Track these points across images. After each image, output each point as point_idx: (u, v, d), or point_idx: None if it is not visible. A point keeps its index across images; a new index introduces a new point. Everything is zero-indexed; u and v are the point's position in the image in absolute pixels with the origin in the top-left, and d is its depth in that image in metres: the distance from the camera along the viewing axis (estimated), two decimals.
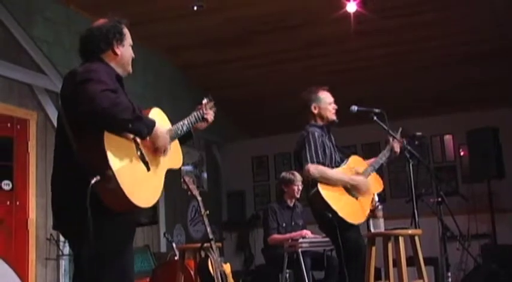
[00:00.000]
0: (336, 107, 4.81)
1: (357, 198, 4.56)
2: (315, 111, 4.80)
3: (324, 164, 4.56)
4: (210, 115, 3.69)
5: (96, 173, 2.65)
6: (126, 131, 2.81)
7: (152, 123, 2.91)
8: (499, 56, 8.22)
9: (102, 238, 2.73)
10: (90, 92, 2.69)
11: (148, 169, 2.94)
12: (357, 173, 4.65)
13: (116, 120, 2.71)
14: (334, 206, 4.38)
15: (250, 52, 8.34)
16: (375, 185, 4.73)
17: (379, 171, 4.92)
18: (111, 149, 2.70)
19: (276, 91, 9.03)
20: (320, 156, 4.59)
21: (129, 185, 2.71)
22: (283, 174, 6.82)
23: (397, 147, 4.80)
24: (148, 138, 2.93)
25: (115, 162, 2.69)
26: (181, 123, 3.42)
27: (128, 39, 3.17)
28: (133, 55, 3.21)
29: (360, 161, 4.81)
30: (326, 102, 4.82)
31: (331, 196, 4.44)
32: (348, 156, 4.83)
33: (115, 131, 2.76)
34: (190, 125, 3.49)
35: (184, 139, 3.49)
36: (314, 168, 4.50)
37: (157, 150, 3.00)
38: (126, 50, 3.14)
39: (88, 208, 2.61)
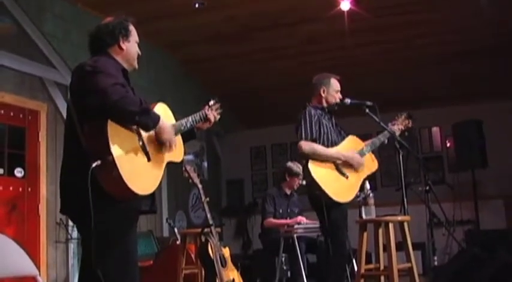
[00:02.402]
0: (340, 96, 4.78)
1: (347, 177, 4.48)
2: (322, 94, 4.78)
3: (316, 141, 4.52)
4: (214, 116, 3.64)
5: (98, 158, 2.67)
6: (133, 123, 2.82)
7: (157, 118, 2.92)
8: (484, 54, 8.23)
9: (104, 223, 2.73)
10: (102, 85, 2.70)
11: (148, 159, 2.93)
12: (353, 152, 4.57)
13: (124, 113, 2.73)
14: (321, 183, 4.34)
15: (250, 48, 8.33)
16: (368, 164, 4.66)
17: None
18: (113, 137, 2.71)
19: (273, 85, 9.02)
20: (314, 133, 4.55)
21: (128, 172, 2.72)
22: (291, 165, 6.77)
23: (397, 130, 4.76)
24: (153, 131, 2.93)
25: (116, 149, 2.70)
26: (186, 119, 3.39)
27: (134, 36, 3.16)
28: (139, 52, 3.20)
29: (356, 140, 4.74)
30: (334, 89, 4.80)
31: (320, 173, 4.40)
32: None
33: (122, 123, 2.78)
34: (194, 122, 3.46)
35: (187, 138, 3.46)
36: (306, 145, 4.47)
37: (162, 144, 2.99)
38: (131, 46, 3.13)
39: (89, 188, 2.63)
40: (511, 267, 4.53)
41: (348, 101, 4.63)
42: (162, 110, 3.20)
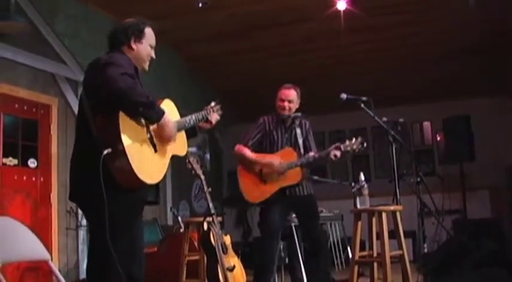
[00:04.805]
0: (283, 105, 4.79)
1: (265, 182, 4.64)
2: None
3: (249, 146, 4.74)
4: (214, 118, 3.64)
5: (109, 147, 2.68)
6: (138, 114, 2.81)
7: (162, 112, 2.91)
8: (473, 52, 8.22)
9: (112, 211, 2.74)
10: (111, 73, 2.73)
11: (155, 150, 2.94)
12: (280, 162, 4.63)
13: (130, 102, 2.73)
14: (240, 183, 4.69)
15: (250, 46, 8.30)
16: (291, 176, 4.67)
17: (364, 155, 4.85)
18: (124, 128, 2.73)
19: (272, 82, 8.96)
20: (250, 140, 4.76)
21: (137, 161, 2.73)
22: None
23: (333, 155, 4.61)
24: (156, 125, 2.92)
25: (126, 139, 2.72)
26: (189, 117, 3.38)
27: (148, 40, 3.15)
28: (153, 55, 3.19)
29: (290, 153, 4.75)
30: (278, 99, 4.85)
31: (243, 174, 4.70)
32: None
33: (128, 112, 2.78)
34: (196, 121, 3.46)
35: (189, 135, 3.45)
36: (237, 148, 4.76)
37: (162, 138, 2.99)
38: (143, 48, 3.12)
39: (100, 173, 2.64)
40: (494, 254, 4.57)
41: (344, 96, 4.62)
42: (168, 106, 3.21)
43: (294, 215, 6.24)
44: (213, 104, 3.71)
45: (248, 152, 4.71)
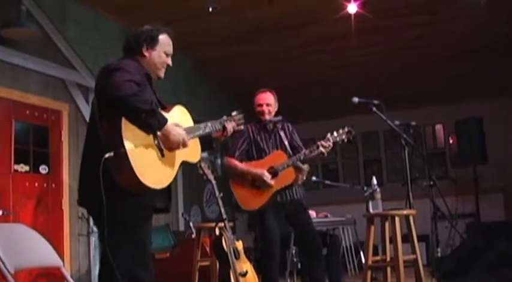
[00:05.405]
0: (262, 109, 4.82)
1: (259, 188, 4.61)
2: None
3: (236, 157, 4.72)
4: (230, 127, 3.45)
5: (112, 151, 2.68)
6: (139, 120, 2.77)
7: (164, 121, 2.85)
8: (484, 53, 8.19)
9: (118, 216, 2.75)
10: (116, 79, 2.74)
11: (162, 155, 2.89)
12: (269, 168, 4.62)
13: (132, 108, 2.72)
14: (236, 195, 4.68)
15: (261, 49, 8.32)
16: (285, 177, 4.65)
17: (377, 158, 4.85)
18: (127, 132, 2.72)
19: (282, 85, 9.00)
20: (236, 150, 4.74)
21: (139, 165, 2.70)
22: None
23: (324, 148, 4.56)
24: (160, 133, 2.86)
25: (129, 143, 2.70)
26: (204, 124, 3.27)
27: (163, 46, 3.13)
28: (168, 62, 3.17)
29: (280, 155, 4.73)
30: (255, 104, 4.89)
31: (236, 187, 4.67)
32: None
33: (130, 118, 2.75)
34: (213, 129, 3.34)
35: (205, 147, 3.33)
36: (226, 162, 4.78)
37: (168, 145, 2.90)
38: (156, 55, 3.10)
39: (100, 179, 2.64)
40: (506, 256, 4.57)
41: (356, 99, 4.61)
42: (180, 112, 3.16)
43: None
44: (234, 113, 3.58)
45: (238, 164, 4.69)
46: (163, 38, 3.14)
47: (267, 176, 4.56)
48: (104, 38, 6.62)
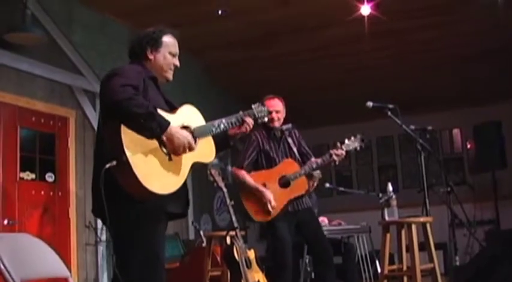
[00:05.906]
0: (272, 117, 4.66)
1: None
2: None
3: (244, 167, 4.69)
4: (249, 122, 3.28)
5: (113, 159, 2.65)
6: (139, 125, 2.71)
7: (166, 124, 2.77)
8: (502, 54, 8.10)
9: (128, 224, 2.73)
10: (112, 84, 2.71)
11: (170, 159, 2.83)
12: (280, 177, 4.60)
13: (129, 113, 2.67)
14: (246, 207, 4.65)
15: (271, 52, 8.29)
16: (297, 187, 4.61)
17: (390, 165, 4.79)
18: (127, 138, 2.67)
19: (292, 88, 8.97)
20: (245, 160, 4.70)
21: (143, 171, 2.66)
22: None
23: (337, 156, 4.53)
24: (164, 137, 2.78)
25: (130, 149, 2.66)
26: (219, 121, 3.14)
27: (168, 48, 3.10)
28: (175, 63, 3.14)
29: (291, 164, 4.69)
30: None
31: (245, 198, 4.66)
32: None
33: (129, 124, 2.70)
34: (228, 126, 3.19)
35: (221, 146, 3.22)
36: (234, 173, 4.74)
37: (175, 152, 2.82)
38: (161, 57, 3.08)
39: (102, 189, 2.63)
40: None
41: (370, 104, 4.57)
42: (189, 111, 3.11)
43: None
44: (256, 105, 3.39)
45: (248, 178, 4.65)
46: (166, 38, 3.12)
47: (271, 204, 4.54)
48: (111, 42, 6.60)
